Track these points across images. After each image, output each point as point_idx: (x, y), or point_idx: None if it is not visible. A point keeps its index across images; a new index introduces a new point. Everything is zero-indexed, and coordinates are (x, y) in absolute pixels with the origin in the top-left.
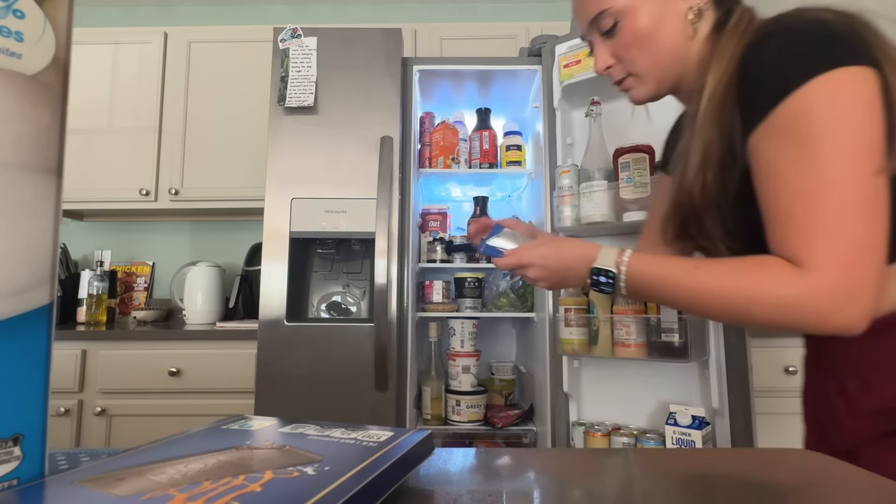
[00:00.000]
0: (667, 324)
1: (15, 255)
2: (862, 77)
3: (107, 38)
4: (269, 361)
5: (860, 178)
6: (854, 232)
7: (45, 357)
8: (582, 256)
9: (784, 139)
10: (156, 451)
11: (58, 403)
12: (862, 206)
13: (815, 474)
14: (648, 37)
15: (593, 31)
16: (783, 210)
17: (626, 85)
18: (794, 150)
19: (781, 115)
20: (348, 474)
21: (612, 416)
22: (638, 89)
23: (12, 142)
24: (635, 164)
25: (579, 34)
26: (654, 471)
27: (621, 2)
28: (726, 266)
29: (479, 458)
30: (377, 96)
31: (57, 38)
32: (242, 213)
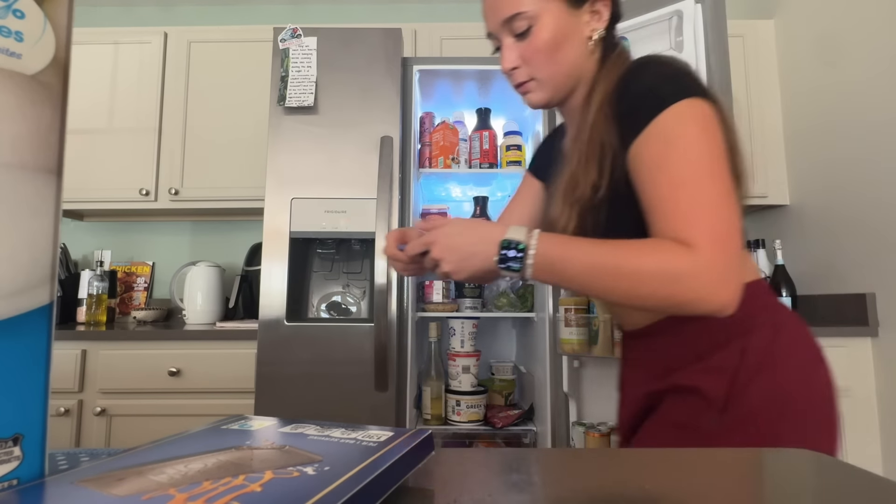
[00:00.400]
0: None
1: (15, 255)
2: (709, 106)
3: (107, 38)
4: (268, 361)
5: (721, 175)
6: (725, 215)
7: (45, 357)
8: (489, 231)
9: (664, 142)
10: (156, 451)
11: (58, 403)
12: (726, 196)
13: (815, 474)
14: (557, 47)
15: (504, 31)
16: (668, 199)
17: (528, 88)
18: (673, 150)
19: (661, 124)
20: (348, 474)
21: (612, 416)
22: (537, 94)
23: (12, 142)
24: None
25: (486, 30)
26: (653, 471)
27: (537, 8)
28: (625, 245)
29: (480, 458)
30: (377, 96)
31: (57, 38)
32: (242, 213)
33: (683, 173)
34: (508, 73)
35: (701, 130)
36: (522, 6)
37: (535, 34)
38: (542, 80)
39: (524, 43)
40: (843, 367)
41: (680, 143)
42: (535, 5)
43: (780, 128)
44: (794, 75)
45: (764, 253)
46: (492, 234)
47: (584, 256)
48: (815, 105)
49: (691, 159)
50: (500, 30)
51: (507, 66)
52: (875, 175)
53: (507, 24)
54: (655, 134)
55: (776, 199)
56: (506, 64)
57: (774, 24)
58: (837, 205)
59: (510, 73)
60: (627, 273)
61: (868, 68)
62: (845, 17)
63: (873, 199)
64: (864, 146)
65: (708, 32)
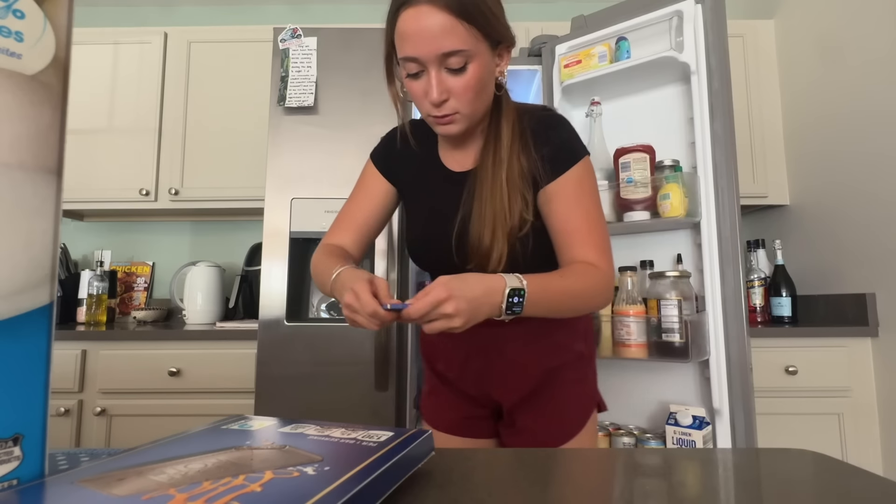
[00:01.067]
0: (667, 324)
1: (15, 255)
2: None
3: (107, 38)
4: (269, 361)
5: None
6: (608, 240)
7: (45, 357)
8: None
9: (578, 186)
10: (156, 451)
11: (58, 403)
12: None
13: (815, 474)
14: (484, 87)
15: (435, 63)
16: (580, 229)
17: (451, 119)
18: (583, 193)
19: (576, 172)
20: (348, 474)
21: (612, 416)
22: (458, 126)
23: (12, 142)
24: (635, 164)
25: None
26: (654, 471)
27: (474, 49)
28: (569, 274)
29: (480, 458)
30: (377, 96)
31: (57, 38)
32: (242, 213)
33: (590, 210)
34: (434, 104)
35: (595, 180)
36: (464, 45)
37: (470, 72)
38: (465, 115)
39: (456, 78)
40: (843, 367)
41: (586, 188)
42: (472, 45)
43: (780, 128)
44: (794, 75)
45: (764, 253)
46: (495, 285)
47: (553, 290)
48: (815, 105)
49: (594, 201)
50: (432, 61)
51: (438, 98)
52: (875, 175)
53: (444, 58)
54: (572, 179)
55: (776, 199)
56: (436, 95)
57: (774, 24)
58: (837, 205)
59: (437, 104)
60: (578, 295)
61: (868, 68)
62: (845, 17)
63: (873, 199)
64: (864, 146)
65: (708, 32)
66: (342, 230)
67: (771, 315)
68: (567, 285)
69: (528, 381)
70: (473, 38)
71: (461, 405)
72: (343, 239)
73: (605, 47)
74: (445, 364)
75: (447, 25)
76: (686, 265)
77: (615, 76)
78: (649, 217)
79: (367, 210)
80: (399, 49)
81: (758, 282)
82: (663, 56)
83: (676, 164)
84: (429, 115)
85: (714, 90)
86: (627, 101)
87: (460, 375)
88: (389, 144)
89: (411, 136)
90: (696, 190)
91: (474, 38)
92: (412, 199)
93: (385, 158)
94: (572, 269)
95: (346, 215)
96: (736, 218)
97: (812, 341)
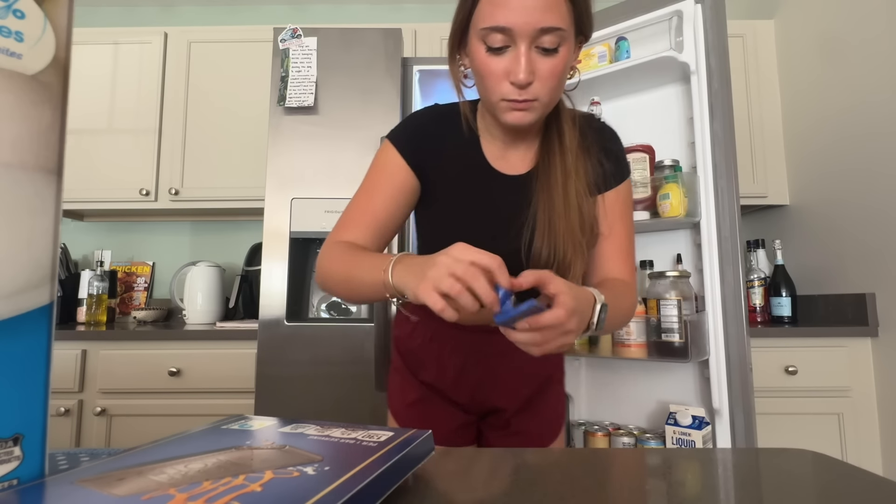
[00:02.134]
0: (667, 324)
1: (15, 255)
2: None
3: (107, 38)
4: (269, 361)
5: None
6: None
7: (45, 357)
8: (587, 295)
9: (625, 201)
10: (156, 451)
11: (58, 403)
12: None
13: (815, 474)
14: (564, 76)
15: (528, 39)
16: (623, 247)
17: (528, 106)
18: (627, 210)
19: (626, 186)
20: (348, 474)
21: (612, 416)
22: (533, 114)
23: (12, 142)
24: (635, 164)
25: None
26: (654, 471)
27: (568, 31)
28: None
29: (479, 458)
30: (377, 96)
31: (57, 38)
32: (242, 213)
33: (631, 228)
34: (520, 84)
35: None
36: (563, 23)
37: (561, 56)
38: (543, 104)
39: (546, 60)
40: (843, 367)
41: (630, 205)
42: (568, 27)
43: (780, 128)
44: (794, 75)
45: (764, 253)
46: (590, 298)
47: (614, 307)
48: (815, 105)
49: (632, 219)
50: (527, 35)
51: (525, 78)
52: (875, 175)
53: (540, 34)
54: (624, 192)
55: (776, 199)
56: (524, 76)
57: (774, 24)
58: (837, 205)
59: (523, 85)
60: (625, 314)
61: (868, 68)
62: (845, 17)
63: (873, 199)
64: (865, 146)
65: (708, 32)
66: (357, 227)
67: (771, 315)
68: (619, 304)
69: (532, 386)
70: (570, 20)
71: (455, 414)
72: (359, 237)
73: (605, 47)
74: (437, 373)
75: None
76: (686, 265)
77: (615, 76)
78: (649, 217)
79: (389, 205)
80: (485, 17)
81: (758, 282)
82: (663, 56)
83: (676, 164)
84: (502, 100)
85: (714, 90)
86: (627, 101)
87: (455, 384)
88: (420, 129)
89: (468, 121)
90: (696, 190)
91: (570, 20)
92: (447, 197)
93: (413, 145)
94: (619, 287)
95: (361, 209)
96: (736, 218)
97: (812, 341)
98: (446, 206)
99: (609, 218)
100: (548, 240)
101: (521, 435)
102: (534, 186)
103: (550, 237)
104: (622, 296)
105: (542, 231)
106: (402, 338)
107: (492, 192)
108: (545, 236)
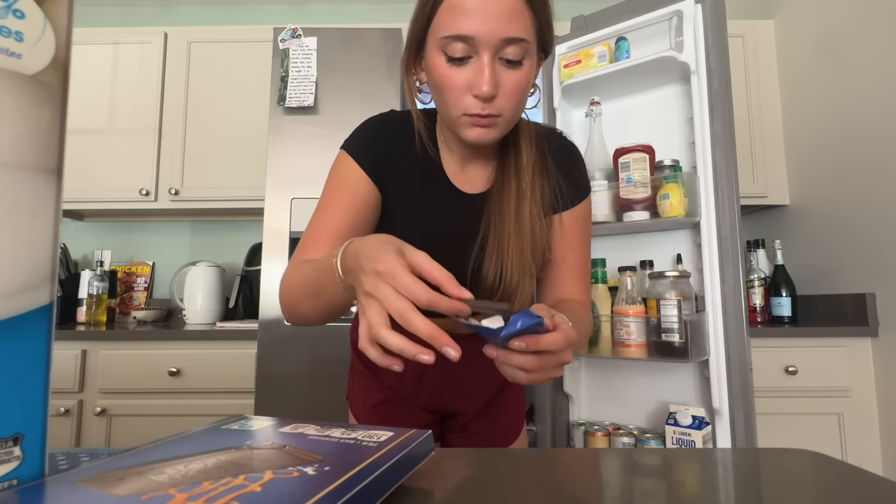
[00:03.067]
0: (667, 324)
1: (15, 255)
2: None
3: (107, 38)
4: (269, 361)
5: None
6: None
7: (45, 357)
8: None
9: (585, 222)
10: (156, 451)
11: (58, 403)
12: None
13: (815, 474)
14: (528, 90)
15: (490, 50)
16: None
17: (492, 122)
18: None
19: (582, 209)
20: (348, 474)
21: (612, 416)
22: (496, 131)
23: (12, 142)
24: (635, 164)
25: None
26: (654, 471)
27: (532, 44)
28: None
29: (479, 458)
30: (377, 96)
31: (57, 38)
32: (242, 213)
33: (588, 249)
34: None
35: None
36: (528, 35)
37: (525, 70)
38: (506, 120)
39: (510, 73)
40: (843, 367)
41: (589, 225)
42: (532, 40)
43: (780, 128)
44: (794, 75)
45: (764, 253)
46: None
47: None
48: (815, 105)
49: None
50: (491, 45)
51: (489, 91)
52: (875, 175)
53: (505, 44)
54: (582, 213)
55: (776, 199)
56: (488, 88)
57: (774, 24)
58: (837, 205)
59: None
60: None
61: (868, 68)
62: (845, 17)
63: (873, 199)
64: (864, 146)
65: (708, 32)
66: (320, 245)
67: (771, 315)
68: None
69: (490, 391)
70: (534, 33)
71: (419, 414)
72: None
73: (605, 47)
74: (395, 379)
75: (517, 8)
76: (686, 265)
77: (615, 76)
78: (649, 217)
79: (351, 219)
80: (445, 25)
81: (758, 282)
82: (663, 56)
83: (676, 164)
84: (464, 115)
85: (714, 90)
86: (627, 101)
87: (415, 391)
88: (376, 138)
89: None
90: (696, 190)
91: (534, 34)
92: (402, 213)
93: (371, 154)
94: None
95: (322, 227)
96: (736, 218)
97: (812, 341)
98: (401, 221)
99: (566, 238)
100: (496, 262)
101: (479, 436)
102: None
103: (499, 259)
104: (582, 319)
105: (491, 253)
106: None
107: (449, 209)
108: (493, 258)
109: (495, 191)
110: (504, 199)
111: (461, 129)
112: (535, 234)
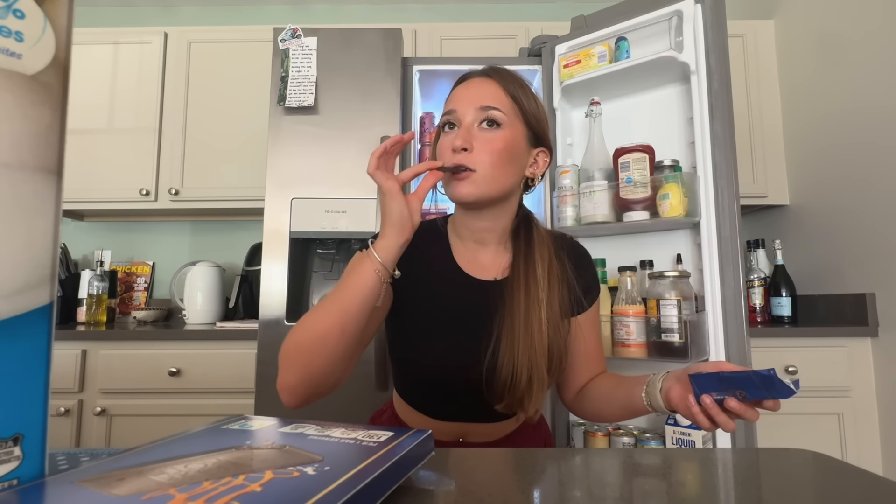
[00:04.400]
0: (667, 324)
1: (15, 255)
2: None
3: (107, 38)
4: (269, 361)
5: None
6: None
7: (45, 357)
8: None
9: (595, 317)
10: (156, 451)
11: (58, 403)
12: None
13: (815, 474)
14: (507, 159)
15: (470, 116)
16: (599, 351)
17: (467, 176)
18: (597, 322)
19: (597, 305)
20: (348, 474)
21: None
22: (471, 186)
23: (12, 142)
24: (635, 163)
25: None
26: (654, 471)
27: (511, 118)
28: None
29: (479, 458)
30: (377, 96)
31: (57, 38)
32: (242, 213)
33: (599, 334)
34: (455, 149)
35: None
36: (502, 106)
37: (499, 134)
38: (481, 176)
39: (485, 133)
40: (843, 367)
41: (598, 313)
42: (510, 114)
43: (780, 128)
44: (794, 75)
45: (764, 253)
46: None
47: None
48: (815, 105)
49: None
50: (469, 111)
51: (460, 143)
52: (875, 175)
53: (481, 111)
54: (594, 311)
55: (776, 199)
56: (460, 142)
57: (774, 24)
58: (837, 205)
59: (458, 153)
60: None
61: (868, 68)
62: (845, 16)
63: (873, 199)
64: (864, 146)
65: (708, 32)
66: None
67: (771, 315)
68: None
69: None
70: (513, 112)
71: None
72: None
73: (605, 47)
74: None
75: (492, 89)
76: (686, 265)
77: (615, 76)
78: (649, 217)
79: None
80: (444, 109)
81: (758, 282)
82: (663, 56)
83: (676, 164)
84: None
85: (714, 90)
86: (627, 101)
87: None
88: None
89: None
90: (696, 190)
91: (514, 113)
92: (416, 298)
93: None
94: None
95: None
96: (736, 218)
97: (812, 341)
98: (415, 306)
99: (586, 330)
100: (507, 361)
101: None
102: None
103: (511, 360)
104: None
105: (504, 353)
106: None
107: (461, 294)
108: (506, 358)
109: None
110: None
111: (448, 189)
112: (551, 342)
